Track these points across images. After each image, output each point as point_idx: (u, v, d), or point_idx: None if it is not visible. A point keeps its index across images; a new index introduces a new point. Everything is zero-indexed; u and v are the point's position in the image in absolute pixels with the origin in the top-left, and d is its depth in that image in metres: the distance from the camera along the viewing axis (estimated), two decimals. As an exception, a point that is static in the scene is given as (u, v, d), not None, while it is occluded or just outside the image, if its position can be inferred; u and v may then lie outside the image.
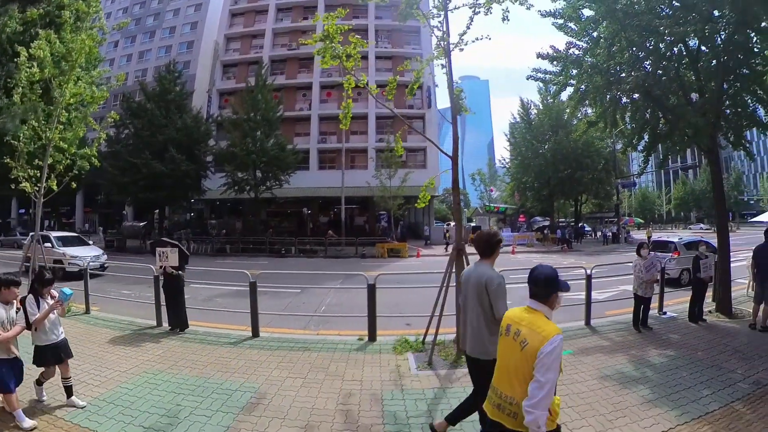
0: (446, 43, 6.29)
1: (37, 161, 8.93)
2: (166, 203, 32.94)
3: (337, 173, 32.39)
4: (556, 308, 2.51)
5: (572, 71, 9.13)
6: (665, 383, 5.05)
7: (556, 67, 9.25)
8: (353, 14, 32.99)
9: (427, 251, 26.78)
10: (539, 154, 36.31)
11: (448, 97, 6.53)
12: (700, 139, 8.55)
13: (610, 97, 9.24)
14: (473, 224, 38.45)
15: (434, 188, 7.51)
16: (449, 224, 38.17)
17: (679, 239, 14.87)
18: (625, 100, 9.54)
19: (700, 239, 12.72)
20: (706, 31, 7.36)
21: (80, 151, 9.64)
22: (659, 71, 8.66)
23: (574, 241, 33.03)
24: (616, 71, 8.75)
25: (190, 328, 7.57)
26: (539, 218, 49.67)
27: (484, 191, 51.39)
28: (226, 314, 8.39)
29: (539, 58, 9.16)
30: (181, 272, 7.61)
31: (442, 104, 47.85)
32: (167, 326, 7.66)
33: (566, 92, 10.07)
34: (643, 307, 7.54)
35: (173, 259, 7.45)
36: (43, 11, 12.83)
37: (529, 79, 9.87)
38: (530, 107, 39.28)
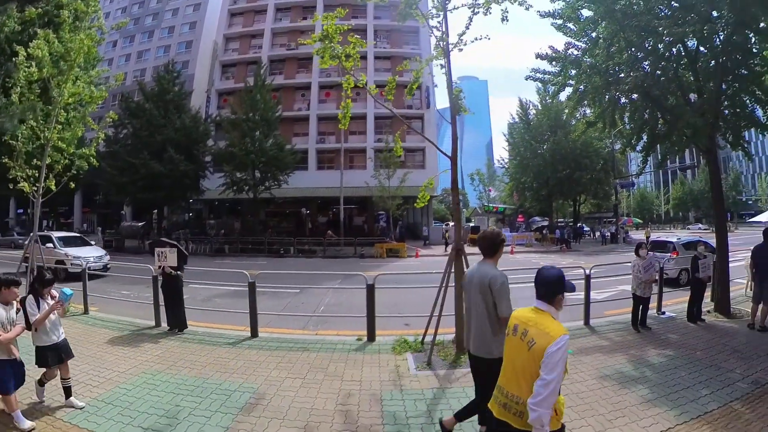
0: (445, 43, 6.29)
1: (35, 161, 8.91)
2: (164, 203, 32.90)
3: (335, 173, 32.39)
4: (561, 309, 2.55)
5: (571, 71, 9.14)
6: (664, 383, 5.06)
7: (555, 67, 9.26)
8: (352, 14, 32.94)
9: (425, 251, 26.80)
10: (538, 154, 36.37)
11: (446, 97, 6.54)
12: (698, 139, 8.58)
13: (608, 97, 9.25)
14: (472, 224, 38.48)
15: (433, 188, 7.51)
16: (448, 224, 38.21)
17: (677, 239, 14.90)
18: (623, 100, 9.54)
19: (698, 239, 12.75)
20: (704, 31, 7.38)
21: (79, 151, 9.63)
22: (658, 71, 8.67)
23: (572, 241, 33.14)
24: (614, 71, 8.76)
25: (189, 328, 7.55)
26: (538, 218, 49.68)
27: (482, 191, 51.42)
28: (224, 314, 8.39)
29: (538, 58, 9.17)
30: (179, 272, 7.59)
31: (440, 104, 47.86)
32: (166, 326, 7.64)
33: (565, 92, 10.10)
34: (641, 307, 7.55)
35: (172, 259, 7.43)
36: (41, 10, 12.80)
37: (528, 79, 9.89)
38: (529, 107, 39.31)
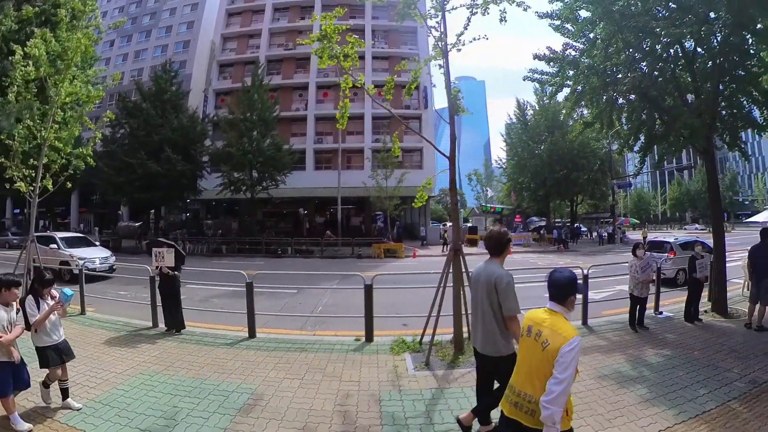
0: (444, 43, 6.29)
1: (32, 161, 8.87)
2: (161, 203, 32.80)
3: (333, 173, 32.36)
4: (573, 310, 2.65)
5: (569, 72, 9.14)
6: (662, 382, 5.07)
7: (552, 68, 9.26)
8: (350, 14, 32.94)
9: (423, 252, 26.82)
10: (535, 154, 36.40)
11: (444, 97, 6.55)
12: (695, 139, 8.61)
13: (606, 97, 9.26)
14: (470, 224, 38.52)
15: (431, 188, 7.51)
16: (445, 224, 38.23)
17: (674, 239, 14.95)
18: (621, 101, 9.56)
19: (695, 239, 12.79)
20: (702, 32, 7.40)
21: (76, 150, 9.59)
22: (655, 72, 8.69)
23: (570, 241, 33.23)
24: (612, 72, 8.76)
25: (186, 328, 7.53)
26: (535, 218, 49.79)
27: (480, 191, 51.46)
28: (222, 315, 8.37)
29: (536, 59, 9.16)
30: (177, 273, 7.56)
31: (438, 105, 47.87)
32: (163, 327, 7.62)
33: (563, 93, 10.09)
34: (639, 307, 7.57)
35: (169, 259, 7.41)
36: (38, 9, 12.78)
37: (525, 80, 9.88)
38: (526, 108, 39.35)
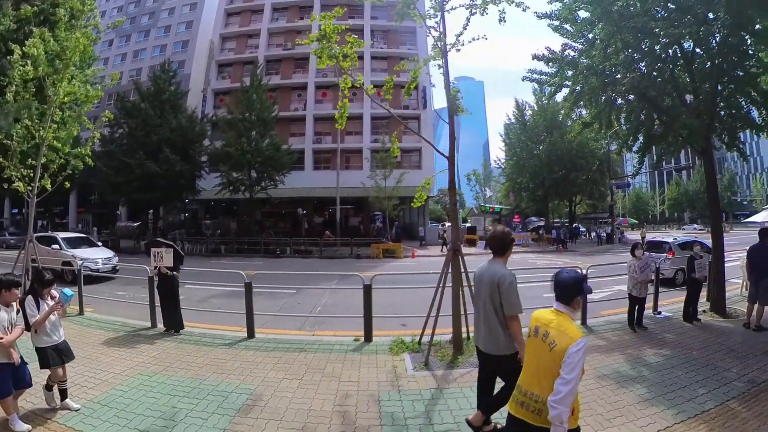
0: (443, 43, 6.29)
1: (30, 160, 8.87)
2: (160, 203, 32.74)
3: (332, 173, 32.35)
4: (579, 310, 2.71)
5: (568, 72, 9.15)
6: (661, 382, 5.08)
7: (551, 68, 9.26)
8: (349, 14, 32.93)
9: (422, 252, 26.81)
10: (534, 154, 36.44)
11: (442, 97, 6.55)
12: (694, 140, 8.62)
13: (605, 98, 9.27)
14: (468, 224, 38.54)
15: (429, 189, 7.52)
16: (444, 224, 38.23)
17: (673, 240, 14.99)
18: (620, 101, 9.57)
19: (694, 240, 12.82)
20: (700, 33, 7.41)
21: (74, 150, 9.58)
22: (654, 73, 8.71)
23: (568, 241, 33.24)
24: (611, 72, 8.77)
25: (185, 329, 7.51)
26: (534, 218, 49.84)
27: (479, 192, 51.51)
28: (221, 315, 8.36)
29: (535, 59, 9.17)
30: (175, 273, 7.54)
31: (436, 105, 47.86)
32: (162, 327, 7.60)
33: (562, 93, 10.10)
34: (637, 307, 7.59)
35: (168, 259, 7.39)
36: (37, 8, 12.74)
37: (524, 80, 9.88)
38: (525, 108, 39.40)
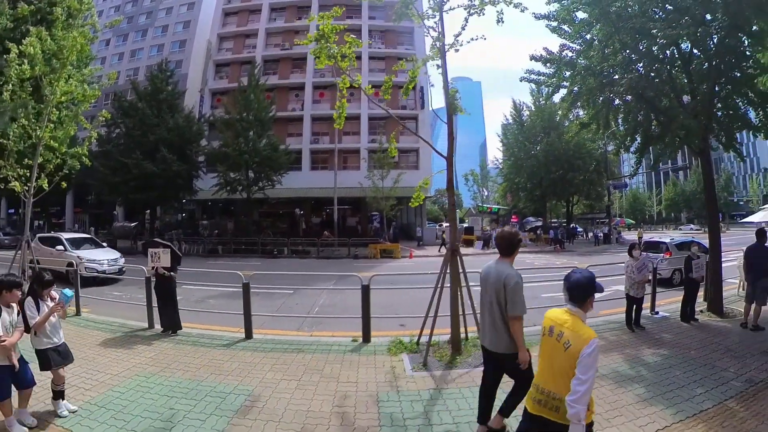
0: (441, 43, 6.28)
1: (26, 160, 8.83)
2: (157, 203, 32.65)
3: (329, 174, 32.28)
4: (591, 309, 2.73)
5: (565, 73, 9.16)
6: (660, 382, 5.09)
7: (549, 69, 9.28)
8: (347, 14, 32.96)
9: (419, 252, 26.81)
10: (531, 155, 36.54)
11: (440, 97, 6.56)
12: (691, 140, 8.65)
13: (603, 98, 9.29)
14: (466, 225, 38.57)
15: (427, 189, 7.51)
16: (442, 225, 38.23)
17: (670, 240, 15.02)
18: (617, 101, 9.61)
19: (691, 240, 12.85)
20: (698, 34, 7.43)
21: (71, 150, 9.56)
22: (652, 73, 8.73)
23: (566, 241, 33.28)
24: (609, 73, 8.79)
25: (182, 329, 7.48)
26: (532, 218, 49.94)
27: (477, 192, 51.59)
28: (218, 316, 8.32)
29: (533, 60, 9.19)
30: (173, 273, 7.50)
31: (434, 105, 47.85)
32: (159, 328, 7.56)
33: (559, 94, 10.10)
34: (635, 307, 7.61)
35: (165, 260, 7.35)
36: (34, 7, 12.67)
37: (522, 80, 9.90)
38: (522, 109, 39.49)
